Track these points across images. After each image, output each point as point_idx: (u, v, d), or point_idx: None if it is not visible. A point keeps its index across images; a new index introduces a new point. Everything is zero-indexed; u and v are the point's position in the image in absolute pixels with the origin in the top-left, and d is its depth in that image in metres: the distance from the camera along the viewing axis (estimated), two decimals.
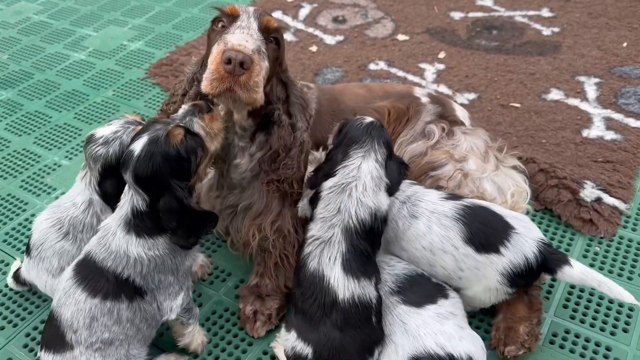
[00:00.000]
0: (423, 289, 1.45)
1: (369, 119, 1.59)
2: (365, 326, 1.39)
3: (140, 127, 1.51)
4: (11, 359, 1.66)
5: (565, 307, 1.72)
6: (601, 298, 1.74)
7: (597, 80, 2.64)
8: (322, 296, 1.39)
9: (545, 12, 3.18)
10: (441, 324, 1.34)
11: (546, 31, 3.02)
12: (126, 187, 1.42)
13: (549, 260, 1.47)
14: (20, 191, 2.26)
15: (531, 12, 3.19)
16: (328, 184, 1.49)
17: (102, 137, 1.56)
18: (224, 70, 1.39)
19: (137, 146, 1.36)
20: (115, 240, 1.40)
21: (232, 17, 1.55)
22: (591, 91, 2.58)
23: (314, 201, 1.54)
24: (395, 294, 1.43)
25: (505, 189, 1.80)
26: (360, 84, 2.29)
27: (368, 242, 1.45)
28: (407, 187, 1.60)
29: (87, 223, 1.62)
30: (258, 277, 1.80)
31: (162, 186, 1.36)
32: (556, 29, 3.02)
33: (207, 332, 1.69)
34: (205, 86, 1.44)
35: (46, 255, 1.63)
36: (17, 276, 1.78)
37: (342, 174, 1.48)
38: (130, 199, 1.40)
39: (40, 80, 2.98)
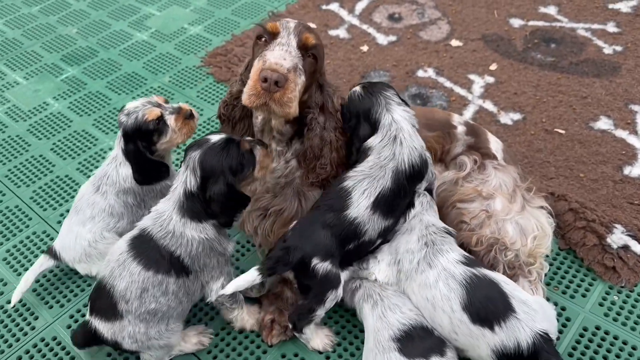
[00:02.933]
0: (422, 343, 1.52)
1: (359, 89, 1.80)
2: None
3: (159, 104, 1.88)
4: (56, 337, 1.87)
5: None
6: None
7: None
8: None
9: (611, 27, 3.04)
10: None
11: (607, 49, 2.90)
12: (182, 168, 1.60)
13: (540, 356, 1.45)
14: (77, 173, 2.46)
15: (595, 26, 3.06)
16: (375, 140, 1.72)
17: (126, 110, 1.86)
18: (261, 87, 1.57)
19: (215, 137, 1.61)
20: (172, 222, 1.59)
21: (273, 34, 1.68)
22: None
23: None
24: (396, 341, 1.52)
25: (527, 232, 1.83)
26: None
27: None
28: (440, 232, 1.68)
29: (108, 172, 1.90)
30: (281, 284, 1.92)
31: (217, 173, 1.56)
32: (619, 48, 2.90)
33: (227, 335, 1.85)
34: (244, 99, 1.63)
35: (81, 207, 1.92)
36: (51, 250, 1.94)
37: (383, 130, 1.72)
38: (184, 180, 1.58)
39: (104, 59, 3.15)
